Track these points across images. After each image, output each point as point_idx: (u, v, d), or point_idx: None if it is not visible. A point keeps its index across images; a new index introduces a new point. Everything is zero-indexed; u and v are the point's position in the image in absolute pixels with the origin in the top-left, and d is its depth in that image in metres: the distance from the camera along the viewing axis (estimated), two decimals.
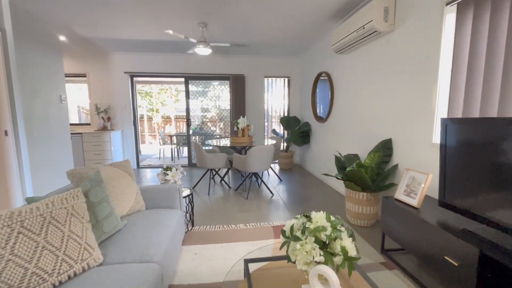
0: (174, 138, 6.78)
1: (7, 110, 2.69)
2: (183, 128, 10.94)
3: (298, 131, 5.03)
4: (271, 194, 3.69)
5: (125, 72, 5.18)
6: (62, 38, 4.12)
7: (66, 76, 5.22)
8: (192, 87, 5.63)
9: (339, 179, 2.60)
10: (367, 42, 2.93)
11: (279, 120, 5.62)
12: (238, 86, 5.43)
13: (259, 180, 4.41)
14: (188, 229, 2.57)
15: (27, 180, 2.85)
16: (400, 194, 2.01)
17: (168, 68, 5.31)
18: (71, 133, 4.68)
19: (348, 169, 2.38)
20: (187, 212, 2.65)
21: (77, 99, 5.36)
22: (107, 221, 1.55)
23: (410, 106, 2.33)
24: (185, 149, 7.21)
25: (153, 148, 9.24)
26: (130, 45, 4.58)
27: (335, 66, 3.85)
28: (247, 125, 4.13)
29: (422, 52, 2.19)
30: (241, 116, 5.21)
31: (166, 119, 12.00)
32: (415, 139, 2.28)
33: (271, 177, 4.73)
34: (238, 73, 5.46)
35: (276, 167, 5.61)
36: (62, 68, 3.42)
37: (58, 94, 3.33)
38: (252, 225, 2.66)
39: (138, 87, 10.66)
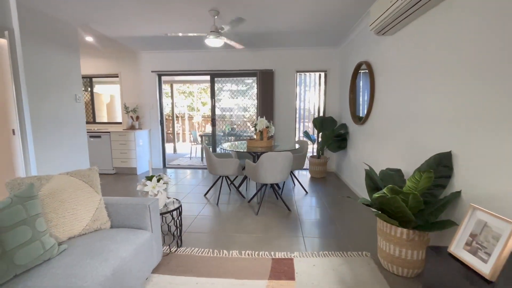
0: (204, 138, 6.60)
1: (13, 109, 2.69)
2: (222, 127, 10.89)
3: (332, 134, 4.24)
4: (288, 211, 3.07)
5: (152, 71, 5.14)
6: (89, 38, 4.21)
7: (100, 77, 5.47)
8: (232, 86, 5.36)
9: (367, 205, 1.87)
10: (421, 13, 2.09)
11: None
12: (266, 83, 4.89)
13: (280, 190, 3.81)
14: (170, 251, 2.17)
15: None
16: (458, 246, 1.24)
17: (193, 65, 5.08)
18: (101, 132, 4.82)
19: (375, 195, 1.65)
20: (169, 231, 2.25)
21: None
22: (23, 250, 1.22)
23: (489, 105, 1.48)
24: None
25: (189, 147, 9.30)
26: (154, 43, 4.46)
27: (377, 53, 3.01)
28: (267, 127, 3.57)
29: None
30: (259, 117, 4.67)
31: (207, 118, 12.14)
32: (494, 157, 1.43)
33: (297, 187, 4.07)
34: (266, 68, 4.92)
35: (307, 174, 4.90)
36: (78, 67, 3.42)
37: (73, 93, 3.33)
38: (248, 254, 2.12)
39: (176, 86, 11.01)
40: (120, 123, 5.46)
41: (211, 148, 5.66)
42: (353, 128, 3.94)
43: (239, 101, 7.90)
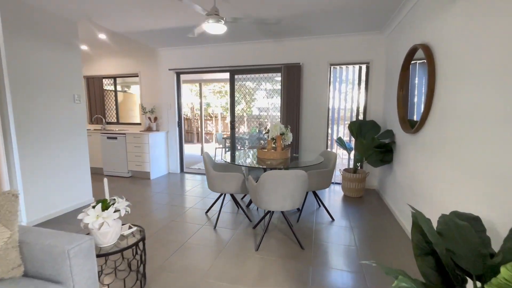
0: (229, 141, 6.10)
1: None
2: (255, 129, 10.34)
3: (372, 143, 3.27)
4: (300, 248, 2.30)
5: (169, 69, 4.80)
6: (102, 36, 4.01)
7: (122, 77, 5.36)
8: (266, 85, 4.80)
9: None
10: None
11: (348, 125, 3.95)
12: (292, 79, 4.11)
13: (298, 214, 3.03)
14: None
15: (20, 194, 2.62)
16: None
17: (212, 61, 4.58)
18: (117, 133, 4.65)
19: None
20: (129, 267, 1.71)
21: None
22: None
23: None
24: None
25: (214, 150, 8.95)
26: (168, 38, 4.07)
27: (440, 30, 2.02)
28: (281, 134, 2.83)
29: None
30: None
31: (240, 119, 11.68)
32: None
33: (323, 209, 3.23)
34: (292, 62, 4.14)
35: (339, 191, 3.98)
36: (78, 65, 3.17)
37: (71, 93, 3.10)
38: None
39: (210, 86, 10.79)
40: (139, 124, 5.28)
41: (228, 155, 5.10)
42: (402, 136, 2.92)
43: (274, 100, 7.28)
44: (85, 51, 4.97)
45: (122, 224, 1.83)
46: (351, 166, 4.46)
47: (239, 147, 5.95)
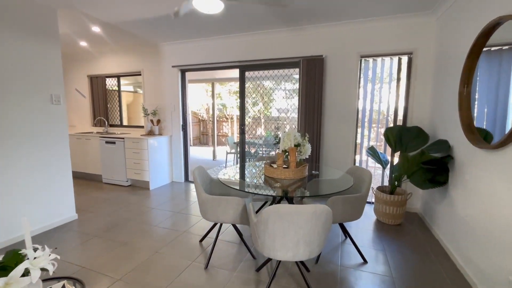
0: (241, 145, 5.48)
1: None
2: (271, 132, 9.67)
3: (421, 158, 2.46)
4: None
5: (173, 66, 4.27)
6: (96, 29, 3.56)
7: (124, 76, 4.94)
8: (286, 84, 4.19)
9: None
10: None
11: (383, 131, 3.13)
12: (313, 75, 3.39)
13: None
14: None
15: None
16: None
17: (220, 56, 3.98)
18: (116, 137, 4.20)
19: None
20: None
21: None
22: None
23: None
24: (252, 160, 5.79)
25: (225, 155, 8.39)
26: (166, 29, 3.53)
27: None
28: (296, 145, 2.14)
29: None
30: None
31: (257, 120, 11.07)
32: None
33: (350, 244, 2.48)
34: (313, 55, 3.41)
35: (370, 214, 3.18)
36: (58, 60, 2.70)
37: (48, 93, 2.64)
38: None
39: (228, 87, 10.25)
40: (143, 127, 4.83)
41: (237, 165, 4.47)
42: (467, 151, 2.10)
43: (294, 101, 6.75)
44: (86, 48, 4.60)
45: (56, 278, 1.26)
46: (386, 183, 3.63)
47: (253, 151, 5.32)
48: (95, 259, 2.17)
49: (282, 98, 5.64)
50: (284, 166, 2.16)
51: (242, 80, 4.00)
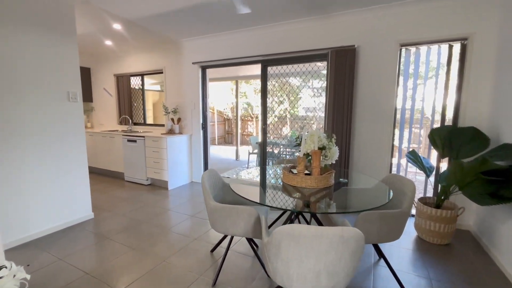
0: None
1: None
2: (296, 132, 9.26)
3: (479, 166, 1.98)
4: None
5: (193, 63, 4.13)
6: (117, 26, 3.52)
7: (147, 74, 4.92)
8: (314, 82, 3.92)
9: None
10: None
11: (428, 133, 2.64)
12: (342, 68, 3.00)
13: None
14: None
15: None
16: None
17: (241, 51, 3.74)
18: (137, 136, 4.18)
19: None
20: None
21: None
22: None
23: None
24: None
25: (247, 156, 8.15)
26: (186, 24, 3.38)
27: None
28: (320, 148, 1.81)
29: None
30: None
31: (282, 120, 10.73)
32: None
33: (385, 267, 2.08)
34: (343, 45, 3.02)
35: (410, 230, 2.72)
36: (75, 58, 2.66)
37: (65, 90, 2.60)
38: None
39: (251, 86, 10.00)
40: (163, 125, 4.78)
41: (256, 168, 4.21)
42: None
43: (323, 99, 6.42)
44: (111, 47, 4.66)
45: None
46: (429, 193, 3.12)
47: (276, 152, 5.02)
48: (100, 264, 2.04)
49: (309, 96, 5.32)
50: (306, 172, 1.84)
51: (264, 76, 3.72)
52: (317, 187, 1.76)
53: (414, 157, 2.67)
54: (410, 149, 2.75)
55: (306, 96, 5.38)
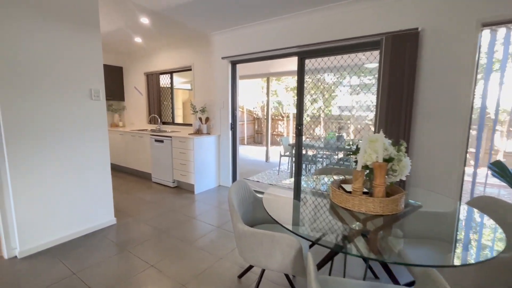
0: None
1: None
2: (331, 133, 8.59)
3: None
4: None
5: (223, 58, 3.83)
6: (144, 20, 3.34)
7: (176, 71, 4.74)
8: (351, 79, 3.51)
9: None
10: None
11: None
12: (400, 57, 2.45)
13: None
14: None
15: (10, 219, 2.06)
16: None
17: (275, 43, 3.34)
18: (164, 136, 4.00)
19: None
20: None
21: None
22: None
23: None
24: (311, 166, 5.01)
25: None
26: (214, 14, 3.08)
27: None
28: (386, 160, 1.34)
29: None
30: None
31: (316, 120, 10.11)
32: None
33: None
34: (402, 29, 2.46)
35: None
36: (98, 54, 2.47)
37: (87, 88, 2.43)
38: None
39: (281, 84, 9.50)
40: (191, 125, 4.56)
41: (290, 180, 3.79)
42: None
43: (361, 97, 5.81)
44: (141, 45, 4.55)
45: None
46: None
47: (310, 154, 4.54)
48: (114, 283, 1.79)
49: (350, 94, 4.84)
50: (365, 190, 1.39)
51: (301, 70, 3.27)
52: (381, 213, 1.29)
53: (500, 170, 2.04)
54: (495, 160, 2.11)
55: (342, 94, 4.83)
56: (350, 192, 1.41)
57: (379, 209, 1.28)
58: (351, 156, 1.52)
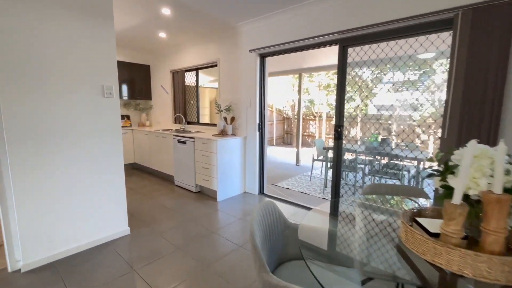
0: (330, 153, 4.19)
1: None
2: (370, 134, 7.75)
3: None
4: None
5: (250, 51, 3.42)
6: (165, 11, 3.06)
7: (202, 68, 4.45)
8: (394, 76, 3.10)
9: None
10: None
11: None
12: (487, 37, 1.82)
13: None
14: None
15: (13, 228, 1.87)
16: None
17: (310, 29, 2.85)
18: (186, 137, 3.73)
19: None
20: None
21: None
22: None
23: None
24: (351, 175, 4.41)
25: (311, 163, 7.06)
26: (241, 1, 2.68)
27: None
28: (508, 190, 0.80)
29: None
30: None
31: (354, 119, 9.32)
32: None
33: None
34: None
35: None
36: (112, 46, 2.21)
37: (99, 84, 2.19)
38: None
39: (314, 81, 8.81)
40: (215, 125, 4.24)
41: (326, 200, 3.27)
42: None
43: (404, 95, 5.23)
44: (165, 41, 4.33)
45: None
46: None
47: (347, 158, 3.97)
48: None
49: (389, 90, 4.25)
50: (465, 234, 0.87)
51: (342, 60, 2.73)
52: (504, 283, 0.77)
53: None
54: None
55: (386, 91, 4.19)
56: (437, 235, 0.90)
57: (500, 275, 0.76)
58: (434, 177, 1.00)
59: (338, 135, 2.85)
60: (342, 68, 2.73)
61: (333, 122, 2.91)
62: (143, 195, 3.60)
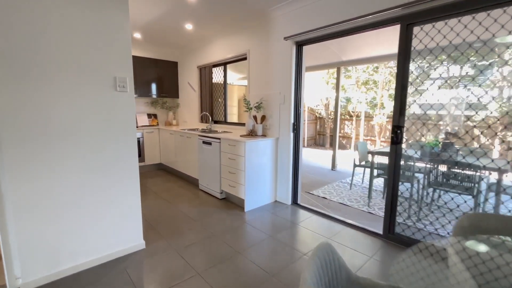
0: (376, 159, 3.54)
1: None
2: (425, 137, 6.79)
3: None
4: None
5: (285, 38, 2.95)
6: None
7: (230, 62, 4.07)
8: (448, 71, 2.47)
9: None
10: None
11: None
12: None
13: None
14: None
15: (12, 241, 1.62)
16: None
17: (360, 6, 2.29)
18: (212, 137, 3.38)
19: None
20: None
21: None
22: None
23: None
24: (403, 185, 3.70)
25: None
26: None
27: None
28: None
29: None
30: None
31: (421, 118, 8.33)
32: None
33: None
34: None
35: None
36: (126, 34, 1.90)
37: (111, 76, 1.89)
38: None
39: (350, 79, 7.97)
40: (244, 124, 3.83)
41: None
42: None
43: (460, 92, 4.19)
44: (192, 33, 4.02)
45: None
46: None
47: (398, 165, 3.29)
48: None
49: (445, 87, 3.57)
50: None
51: (406, 42, 2.13)
52: None
53: None
54: None
55: (437, 88, 3.48)
56: None
57: None
58: None
59: (397, 138, 2.26)
60: (404, 53, 2.14)
61: (372, 122, 2.31)
62: (165, 201, 3.32)
